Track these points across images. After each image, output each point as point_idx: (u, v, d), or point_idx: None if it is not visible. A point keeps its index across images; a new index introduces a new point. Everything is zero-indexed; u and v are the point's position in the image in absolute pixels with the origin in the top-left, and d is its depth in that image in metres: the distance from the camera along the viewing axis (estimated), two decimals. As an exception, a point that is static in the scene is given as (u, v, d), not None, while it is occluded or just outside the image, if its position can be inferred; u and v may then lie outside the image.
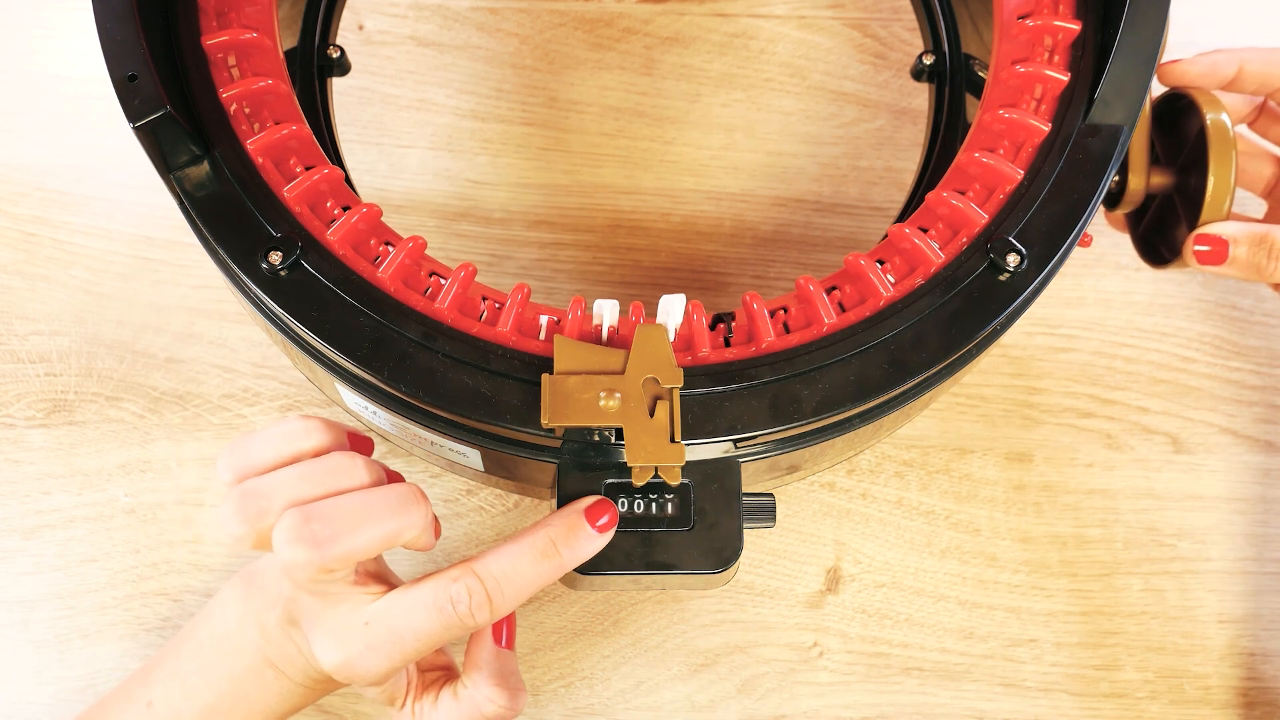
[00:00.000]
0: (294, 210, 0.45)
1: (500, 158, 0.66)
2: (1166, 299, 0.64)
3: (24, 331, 0.62)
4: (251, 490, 0.41)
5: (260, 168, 0.46)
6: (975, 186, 0.48)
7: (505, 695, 0.46)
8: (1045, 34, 0.49)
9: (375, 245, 0.46)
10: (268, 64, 0.48)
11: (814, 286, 0.46)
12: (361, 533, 0.40)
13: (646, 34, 0.68)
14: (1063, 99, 0.48)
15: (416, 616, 0.42)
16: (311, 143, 0.47)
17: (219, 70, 0.48)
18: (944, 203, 0.47)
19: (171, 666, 0.48)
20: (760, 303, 0.46)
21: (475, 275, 0.46)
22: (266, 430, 0.43)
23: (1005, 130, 0.48)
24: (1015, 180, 0.47)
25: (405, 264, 0.45)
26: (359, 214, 0.45)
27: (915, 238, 0.46)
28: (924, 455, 0.61)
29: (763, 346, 0.45)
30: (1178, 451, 0.62)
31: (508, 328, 0.44)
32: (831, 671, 0.58)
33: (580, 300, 0.45)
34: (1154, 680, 0.59)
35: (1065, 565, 0.60)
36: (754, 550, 0.60)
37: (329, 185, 0.46)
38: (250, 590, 0.47)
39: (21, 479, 0.60)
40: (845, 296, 0.47)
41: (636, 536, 0.44)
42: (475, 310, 0.46)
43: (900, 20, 0.69)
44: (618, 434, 0.43)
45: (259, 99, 0.47)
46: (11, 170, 0.65)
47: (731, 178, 0.66)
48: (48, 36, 0.68)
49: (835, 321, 0.45)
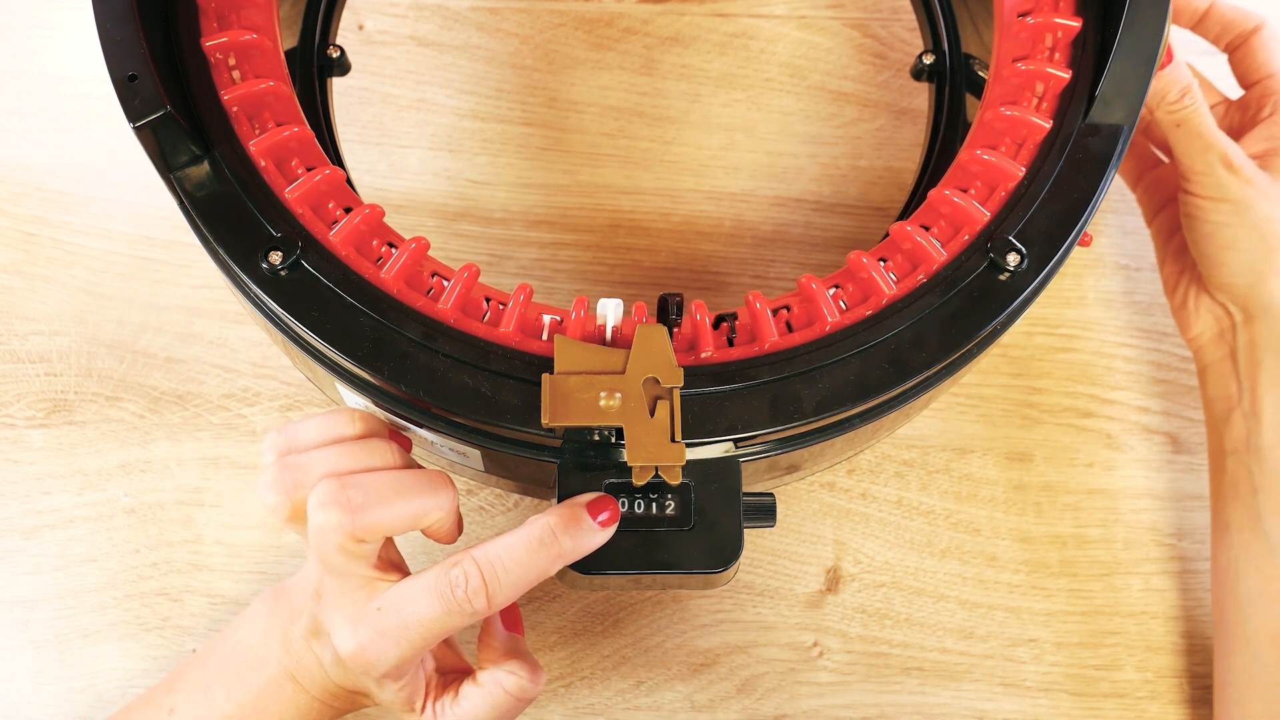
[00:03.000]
0: (295, 211, 0.45)
1: (500, 158, 0.66)
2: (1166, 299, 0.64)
3: (24, 331, 0.62)
4: (290, 463, 0.43)
5: (262, 170, 0.46)
6: (977, 184, 0.48)
7: (524, 667, 0.47)
8: (1046, 31, 0.49)
9: (378, 246, 0.46)
10: (268, 65, 0.48)
11: (816, 285, 0.46)
12: (393, 505, 0.42)
13: (646, 34, 0.68)
14: (1063, 98, 0.48)
15: (420, 602, 0.42)
16: (313, 143, 0.47)
17: (219, 71, 0.48)
18: (946, 200, 0.47)
19: (196, 676, 0.49)
20: (764, 302, 0.46)
21: (478, 276, 0.46)
22: (312, 417, 0.45)
23: (1007, 128, 0.48)
24: (1017, 177, 0.47)
25: (408, 265, 0.45)
26: (361, 215, 0.45)
27: (917, 235, 0.46)
28: (924, 455, 0.61)
29: (764, 346, 0.45)
30: (1178, 451, 0.62)
31: (510, 328, 0.44)
32: (831, 671, 0.58)
33: (583, 300, 0.45)
34: (1154, 680, 0.59)
35: (1065, 565, 0.60)
36: (754, 550, 0.60)
37: (330, 186, 0.46)
38: (278, 604, 0.48)
39: (21, 479, 0.60)
40: (848, 295, 0.47)
41: (637, 536, 0.44)
42: (478, 311, 0.46)
43: (900, 20, 0.69)
44: (618, 434, 0.43)
45: (260, 100, 0.47)
46: (11, 170, 0.65)
47: (731, 178, 0.66)
48: (48, 36, 0.68)
49: (836, 321, 0.45)
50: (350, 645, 0.43)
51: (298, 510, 0.43)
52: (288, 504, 0.43)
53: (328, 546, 0.42)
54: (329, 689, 0.47)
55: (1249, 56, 0.57)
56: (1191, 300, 0.58)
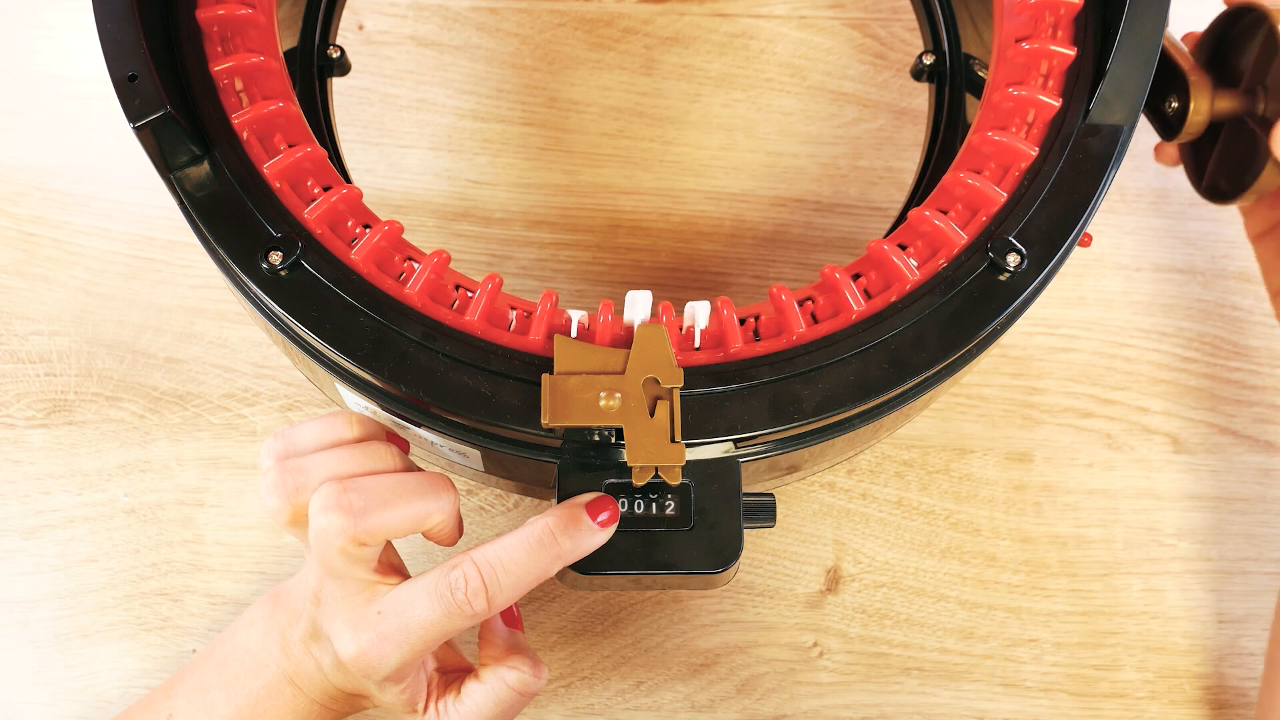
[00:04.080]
0: (315, 232, 0.45)
1: (500, 158, 0.66)
2: (1166, 299, 0.64)
3: (24, 331, 0.62)
4: (291, 467, 0.43)
5: (278, 192, 0.45)
6: (990, 166, 0.48)
7: (526, 662, 0.47)
8: (1045, 27, 0.49)
9: (399, 261, 0.46)
10: (274, 85, 0.48)
11: (840, 274, 0.45)
12: (394, 509, 0.42)
13: (646, 34, 0.68)
14: (1062, 98, 0.48)
15: (420, 605, 0.42)
16: (325, 163, 0.47)
17: (227, 95, 0.47)
18: (960, 183, 0.47)
19: (195, 680, 0.49)
20: (789, 295, 0.45)
21: (501, 286, 0.45)
22: (309, 421, 0.45)
23: (1014, 109, 0.48)
24: (1030, 158, 0.46)
25: (431, 279, 0.45)
26: (381, 232, 0.45)
27: (936, 219, 0.46)
28: (924, 455, 0.61)
29: (792, 339, 0.45)
30: (1178, 451, 0.62)
31: (539, 336, 0.44)
32: (831, 671, 0.58)
33: (609, 305, 0.45)
34: (1154, 680, 0.59)
35: (1065, 565, 0.60)
36: (754, 550, 0.60)
37: (348, 205, 0.46)
38: (276, 607, 0.48)
39: (21, 479, 0.60)
40: (870, 284, 0.47)
41: (637, 536, 0.44)
42: (504, 320, 0.46)
43: (900, 20, 0.69)
44: (618, 434, 0.43)
45: (269, 123, 0.47)
46: (11, 170, 0.65)
47: (731, 178, 0.66)
48: (48, 36, 0.68)
49: (835, 322, 0.45)
50: (351, 649, 0.43)
51: (299, 514, 0.43)
52: (289, 507, 0.43)
53: (330, 550, 0.42)
54: (328, 692, 0.47)
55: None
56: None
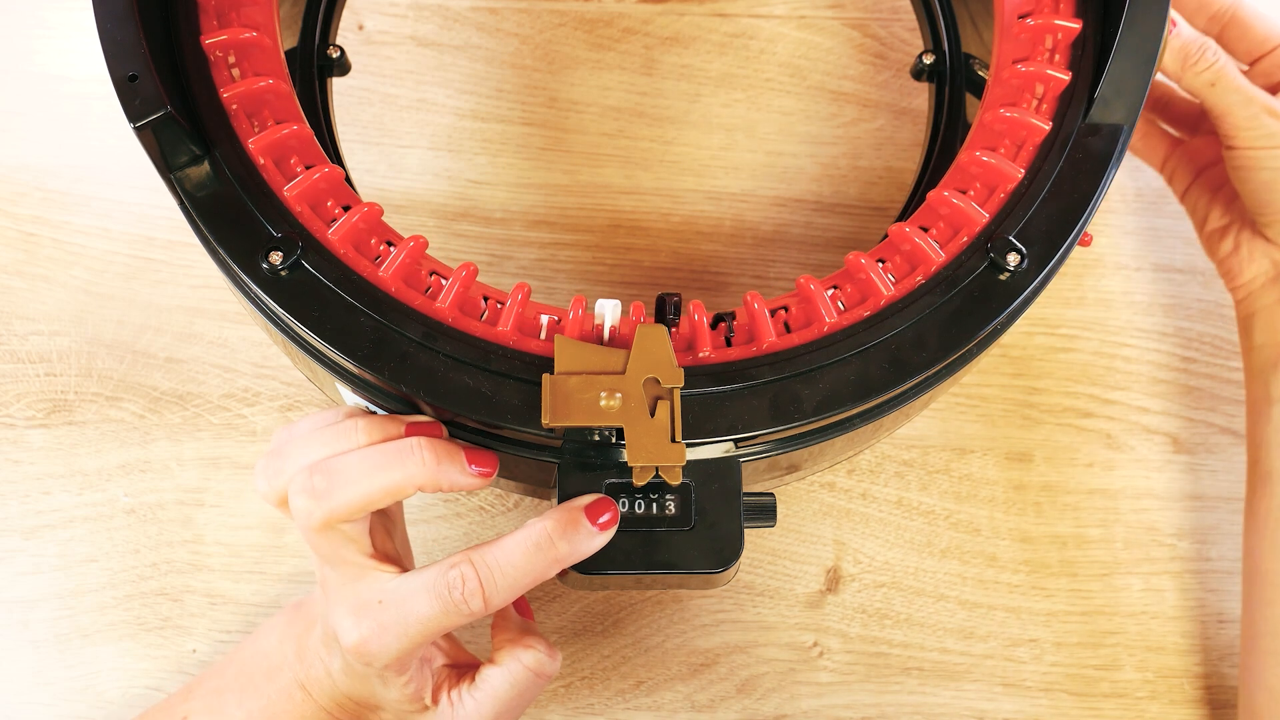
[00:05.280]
0: (294, 210, 0.45)
1: (500, 158, 0.66)
2: (1166, 299, 0.64)
3: (24, 331, 0.62)
4: (275, 452, 0.45)
5: (261, 167, 0.46)
6: (976, 185, 0.48)
7: (542, 642, 0.48)
8: (1046, 33, 0.49)
9: (376, 244, 0.46)
10: (268, 63, 0.48)
11: (815, 285, 0.46)
12: (358, 484, 0.43)
13: (646, 34, 0.68)
14: (1063, 98, 0.48)
15: (419, 600, 0.43)
16: (312, 142, 0.47)
17: (219, 69, 0.48)
18: (945, 202, 0.47)
19: (213, 684, 0.50)
20: (761, 302, 0.46)
21: (476, 275, 0.46)
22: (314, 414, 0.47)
23: (1006, 129, 0.48)
24: (1016, 179, 0.47)
25: (406, 263, 0.45)
26: (360, 213, 0.45)
27: (916, 237, 0.46)
28: (924, 455, 0.61)
29: (763, 346, 0.45)
30: (1178, 451, 0.62)
31: (508, 327, 0.44)
32: (831, 671, 0.58)
33: (581, 299, 0.45)
34: (1154, 680, 0.59)
35: (1065, 565, 0.60)
36: (754, 550, 0.60)
37: (329, 184, 0.46)
38: (296, 615, 0.49)
39: (21, 479, 0.60)
40: (846, 296, 0.47)
41: (637, 536, 0.44)
42: (476, 309, 0.46)
43: (900, 20, 0.69)
44: (618, 434, 0.43)
45: (259, 98, 0.47)
46: (11, 170, 0.65)
47: (731, 178, 0.66)
48: (48, 36, 0.68)
49: (835, 321, 0.45)
50: (353, 637, 0.44)
51: (282, 497, 0.44)
52: (274, 491, 0.44)
53: (308, 534, 0.43)
54: (336, 699, 0.47)
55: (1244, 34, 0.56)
56: (1245, 247, 0.58)
